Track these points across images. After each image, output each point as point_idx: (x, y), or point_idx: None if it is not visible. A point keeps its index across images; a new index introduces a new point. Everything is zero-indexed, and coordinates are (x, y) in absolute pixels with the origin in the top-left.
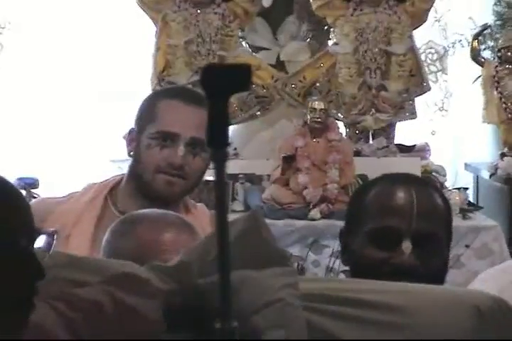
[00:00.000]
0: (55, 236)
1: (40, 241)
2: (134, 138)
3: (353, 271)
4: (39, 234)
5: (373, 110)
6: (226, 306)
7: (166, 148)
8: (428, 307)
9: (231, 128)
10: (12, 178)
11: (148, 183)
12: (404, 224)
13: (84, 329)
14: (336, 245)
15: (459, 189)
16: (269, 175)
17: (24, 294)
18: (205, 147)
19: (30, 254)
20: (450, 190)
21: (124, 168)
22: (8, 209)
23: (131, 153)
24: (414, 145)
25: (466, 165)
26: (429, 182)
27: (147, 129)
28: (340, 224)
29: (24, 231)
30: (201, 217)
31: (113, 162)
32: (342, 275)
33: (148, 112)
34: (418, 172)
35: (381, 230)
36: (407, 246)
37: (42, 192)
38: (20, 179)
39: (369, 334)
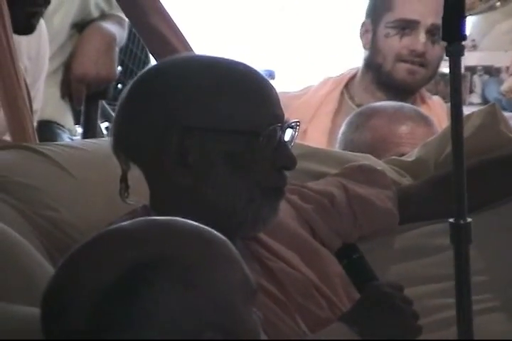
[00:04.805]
0: (298, 128)
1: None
2: (368, 30)
3: None
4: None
5: None
6: (462, 201)
7: (406, 36)
8: None
9: (470, 20)
10: None
11: (389, 73)
12: None
13: (315, 219)
14: None
15: None
16: (508, 67)
17: (277, 183)
18: None
19: (283, 144)
20: None
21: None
22: (262, 98)
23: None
24: None
25: None
26: None
27: (384, 18)
28: None
29: (276, 120)
30: (437, 109)
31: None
32: None
33: (384, 1)
34: None
35: None
36: None
37: (278, 85)
38: None
39: None
